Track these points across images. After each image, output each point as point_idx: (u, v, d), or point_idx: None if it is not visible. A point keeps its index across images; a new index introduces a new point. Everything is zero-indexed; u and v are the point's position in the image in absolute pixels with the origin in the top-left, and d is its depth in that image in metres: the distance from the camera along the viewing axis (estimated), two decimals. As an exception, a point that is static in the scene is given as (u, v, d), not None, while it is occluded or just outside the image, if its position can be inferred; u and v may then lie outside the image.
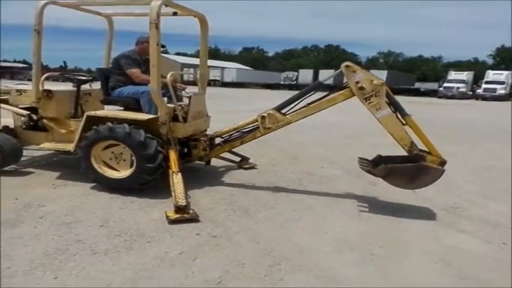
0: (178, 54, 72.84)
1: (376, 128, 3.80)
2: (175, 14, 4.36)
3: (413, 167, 3.72)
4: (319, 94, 4.09)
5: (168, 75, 4.21)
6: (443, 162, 3.76)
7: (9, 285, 2.33)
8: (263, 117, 4.11)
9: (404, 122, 3.76)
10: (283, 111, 4.12)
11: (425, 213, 3.90)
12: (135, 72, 4.44)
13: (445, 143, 8.21)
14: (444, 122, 12.92)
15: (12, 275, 2.42)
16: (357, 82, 3.69)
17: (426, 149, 3.79)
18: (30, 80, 4.73)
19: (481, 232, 3.47)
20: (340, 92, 3.90)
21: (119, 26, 5.48)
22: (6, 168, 4.56)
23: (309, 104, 4.04)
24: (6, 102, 4.70)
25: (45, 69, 4.70)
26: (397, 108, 3.80)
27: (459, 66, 62.71)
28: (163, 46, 4.49)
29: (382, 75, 41.50)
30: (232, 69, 52.55)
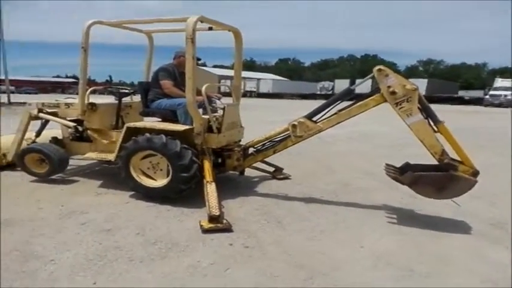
0: (215, 66, 74.48)
1: (416, 138, 3.66)
2: (210, 29, 4.49)
3: (442, 176, 3.54)
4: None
5: (203, 88, 4.31)
6: (475, 173, 3.55)
7: (52, 289, 2.44)
8: (294, 126, 4.10)
9: (436, 129, 3.61)
10: (314, 119, 4.09)
11: (469, 228, 3.68)
12: (165, 83, 4.60)
13: (489, 153, 7.80)
14: (489, 132, 12.24)
15: (55, 279, 2.54)
16: (389, 86, 3.59)
17: (459, 159, 3.60)
18: (78, 94, 5.02)
19: (531, 249, 3.22)
20: (371, 97, 3.80)
21: (158, 42, 5.71)
22: (54, 177, 4.84)
23: (339, 110, 3.98)
24: (56, 115, 5.01)
25: (92, 83, 4.97)
26: (429, 114, 3.65)
27: (506, 73, 59.30)
28: (198, 59, 4.63)
29: (422, 83, 40.15)
30: (267, 80, 52.93)
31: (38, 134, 5.22)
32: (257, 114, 16.50)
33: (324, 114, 4.04)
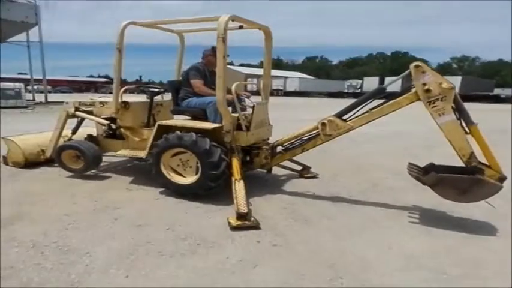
0: (242, 65, 74.85)
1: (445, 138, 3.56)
2: (241, 27, 4.53)
3: (467, 179, 3.42)
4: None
5: (233, 86, 4.36)
6: (502, 178, 3.42)
7: (88, 281, 2.54)
8: (323, 124, 4.06)
9: (468, 131, 3.49)
10: (344, 117, 4.04)
11: (504, 232, 3.53)
12: (196, 82, 4.68)
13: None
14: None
15: (90, 272, 2.64)
16: (424, 84, 3.49)
17: (486, 162, 3.48)
18: (111, 93, 5.20)
19: None
20: (405, 95, 3.71)
21: (188, 41, 5.80)
22: (88, 173, 5.04)
23: (371, 109, 3.91)
24: (91, 113, 5.21)
25: (123, 82, 5.14)
26: (462, 115, 3.53)
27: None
28: (227, 55, 4.68)
29: (456, 81, 38.75)
30: (294, 79, 52.65)
31: (74, 131, 5.44)
32: (284, 113, 16.46)
33: (355, 112, 3.98)
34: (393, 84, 4.76)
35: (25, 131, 7.09)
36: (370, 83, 47.11)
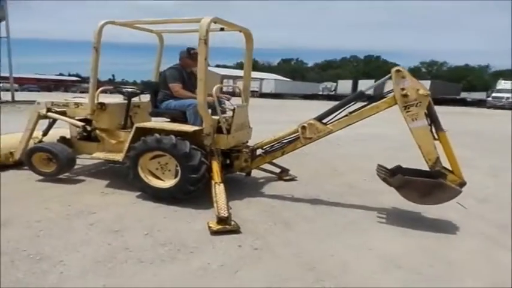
0: (218, 66, 74.51)
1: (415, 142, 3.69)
2: (222, 29, 4.49)
3: (430, 183, 3.60)
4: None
5: (214, 89, 4.32)
6: (462, 184, 3.63)
7: (63, 289, 2.45)
8: (303, 128, 4.09)
9: (436, 137, 3.64)
10: (324, 121, 4.09)
11: (477, 232, 3.67)
12: (175, 86, 4.61)
13: (499, 158, 7.77)
14: (493, 134, 12.21)
15: (64, 281, 2.53)
16: (402, 89, 3.59)
17: (449, 168, 3.66)
18: (82, 92, 5.02)
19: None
20: (383, 99, 3.81)
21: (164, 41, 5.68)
22: (60, 176, 4.85)
23: (350, 112, 3.98)
24: (64, 114, 5.02)
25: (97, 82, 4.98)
26: (434, 121, 3.68)
27: (509, 75, 59.07)
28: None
29: (425, 85, 39.60)
30: (270, 80, 52.88)
31: (45, 133, 5.22)
32: (261, 115, 16.49)
33: (335, 116, 4.03)
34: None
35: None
36: (344, 86, 48.09)
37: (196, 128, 4.12)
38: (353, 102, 4.04)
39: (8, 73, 23.27)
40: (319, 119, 4.08)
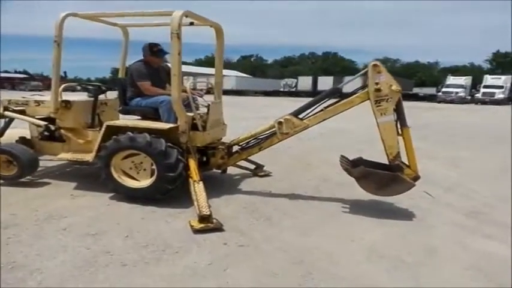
0: (176, 62, 72.82)
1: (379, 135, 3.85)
2: (191, 24, 4.37)
3: (388, 176, 3.80)
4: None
5: (187, 84, 4.21)
6: (416, 177, 3.86)
7: (44, 299, 2.29)
8: (280, 123, 4.11)
9: (400, 132, 3.80)
10: (300, 116, 4.13)
11: (448, 219, 3.87)
12: (144, 84, 4.45)
13: (457, 147, 8.27)
14: (454, 127, 12.96)
15: (45, 289, 2.38)
16: (377, 83, 3.70)
17: (407, 162, 3.87)
18: (31, 90, 4.71)
19: (505, 236, 3.44)
20: (357, 94, 3.91)
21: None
22: (22, 179, 4.53)
23: (325, 107, 4.05)
24: (23, 113, 4.68)
25: (46, 79, 4.69)
26: (399, 117, 3.84)
27: (456, 71, 62.87)
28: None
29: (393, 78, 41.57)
30: (231, 77, 52.60)
31: (1, 133, 4.85)
32: (227, 112, 16.38)
33: (310, 111, 4.07)
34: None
35: None
36: (305, 82, 48.89)
37: (171, 125, 4.01)
38: (327, 98, 4.11)
39: None
40: (295, 114, 4.11)
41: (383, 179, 3.81)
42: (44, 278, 2.49)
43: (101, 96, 4.97)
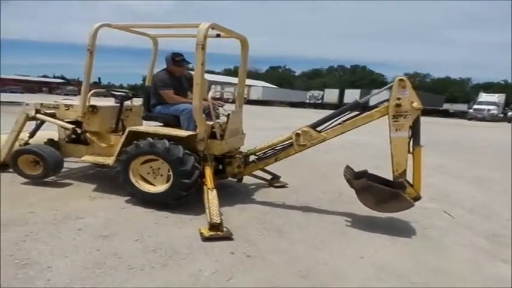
0: (206, 72, 74.29)
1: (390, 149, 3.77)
2: (218, 36, 4.46)
3: (389, 192, 3.72)
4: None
5: (209, 94, 4.30)
6: (417, 198, 3.77)
7: (52, 296, 2.37)
8: (297, 135, 4.11)
9: (411, 150, 3.72)
10: (318, 128, 4.12)
11: (466, 241, 3.72)
12: (167, 93, 4.57)
13: (485, 167, 7.94)
14: (486, 146, 12.49)
15: (52, 287, 2.45)
16: (399, 98, 3.64)
17: (411, 181, 3.78)
18: (66, 94, 4.92)
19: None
20: (377, 108, 3.86)
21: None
22: (46, 179, 4.73)
23: (344, 121, 4.02)
24: (53, 116, 4.91)
25: (80, 84, 4.91)
26: (414, 135, 3.75)
27: (489, 88, 60.78)
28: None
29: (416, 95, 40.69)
30: (258, 87, 53.05)
31: (32, 134, 5.10)
32: (250, 121, 16.49)
33: (329, 124, 4.06)
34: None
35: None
36: (331, 95, 48.56)
37: (190, 132, 4.09)
38: (348, 112, 4.08)
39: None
40: (314, 126, 4.11)
41: (383, 195, 3.74)
42: (52, 276, 2.58)
43: (127, 103, 5.15)
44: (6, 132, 5.18)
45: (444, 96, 56.46)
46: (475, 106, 35.73)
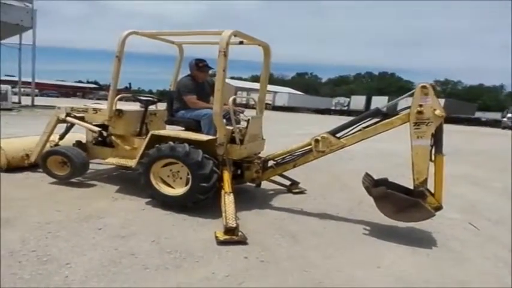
0: (232, 78, 75.23)
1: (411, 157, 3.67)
2: (241, 43, 4.53)
3: (408, 201, 3.61)
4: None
5: (230, 99, 4.36)
6: (438, 208, 3.63)
7: (68, 292, 2.44)
8: (317, 141, 4.09)
9: (433, 159, 3.60)
10: (338, 135, 4.08)
11: (489, 253, 3.56)
12: (190, 98, 4.68)
13: (508, 177, 7.58)
14: (509, 155, 11.94)
15: (69, 284, 2.53)
16: (420, 105, 3.56)
17: (432, 190, 3.66)
18: (99, 99, 5.11)
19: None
20: (398, 116, 3.79)
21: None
22: (72, 180, 4.92)
23: (364, 127, 3.96)
24: (82, 119, 5.12)
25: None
26: (436, 143, 3.63)
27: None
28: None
29: (440, 103, 39.40)
30: (284, 94, 53.07)
31: (62, 136, 5.33)
32: (274, 127, 16.51)
33: (349, 131, 4.03)
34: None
35: (9, 134, 6.93)
36: (358, 102, 47.86)
37: (210, 137, 4.15)
38: (368, 118, 4.03)
39: (30, 79, 23.89)
40: (333, 133, 4.07)
41: (402, 203, 3.63)
42: (70, 272, 2.67)
43: (152, 107, 5.30)
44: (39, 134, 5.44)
45: (476, 104, 54.39)
46: (509, 115, 34.25)
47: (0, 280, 2.51)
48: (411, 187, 3.73)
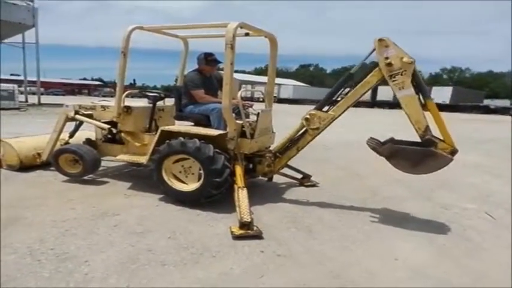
0: (236, 71, 74.96)
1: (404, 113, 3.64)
2: (247, 34, 4.48)
3: (420, 151, 3.56)
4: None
5: (239, 93, 4.33)
6: (454, 151, 3.56)
7: (89, 290, 2.46)
8: (307, 119, 4.14)
9: (423, 103, 3.62)
10: (324, 109, 4.13)
11: (507, 243, 3.52)
12: (198, 93, 4.64)
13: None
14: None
15: (89, 281, 2.55)
16: (386, 58, 3.60)
17: (441, 137, 3.62)
18: (104, 96, 5.10)
19: None
20: (371, 73, 3.81)
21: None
22: (85, 177, 4.94)
23: (346, 94, 4.01)
24: (91, 116, 5.12)
25: (115, 85, 5.07)
26: (421, 90, 3.67)
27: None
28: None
29: (447, 91, 39.18)
30: (288, 86, 52.85)
31: (72, 134, 5.35)
32: (280, 120, 16.48)
33: (332, 102, 4.11)
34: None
35: (17, 133, 6.98)
36: (364, 92, 47.40)
37: (220, 132, 4.13)
38: (343, 87, 4.08)
39: (35, 77, 24.04)
40: (319, 108, 4.14)
41: (416, 156, 3.59)
42: (90, 270, 2.68)
43: (160, 103, 5.28)
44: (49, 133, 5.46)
45: (484, 91, 53.72)
46: (519, 102, 33.84)
47: (0, 280, 2.52)
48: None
